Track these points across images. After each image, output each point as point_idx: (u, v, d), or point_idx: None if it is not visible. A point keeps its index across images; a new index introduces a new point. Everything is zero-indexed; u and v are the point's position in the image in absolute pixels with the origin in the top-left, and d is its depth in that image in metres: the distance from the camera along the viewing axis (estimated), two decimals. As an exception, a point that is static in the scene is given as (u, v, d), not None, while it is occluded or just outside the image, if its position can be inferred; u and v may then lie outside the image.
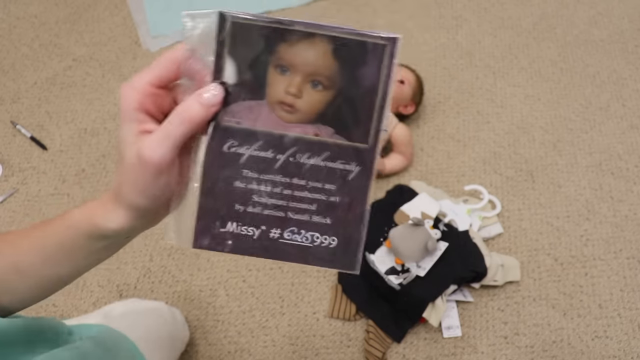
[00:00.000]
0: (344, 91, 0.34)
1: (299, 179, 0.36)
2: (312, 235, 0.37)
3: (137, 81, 0.34)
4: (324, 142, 0.35)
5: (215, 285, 1.12)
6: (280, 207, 0.36)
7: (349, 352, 1.05)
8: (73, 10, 1.60)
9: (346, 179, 0.36)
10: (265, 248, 0.37)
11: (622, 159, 1.25)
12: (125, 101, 0.34)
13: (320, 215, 0.36)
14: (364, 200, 0.36)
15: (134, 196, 0.34)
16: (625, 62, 1.41)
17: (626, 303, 1.08)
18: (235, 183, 0.36)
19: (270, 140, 0.35)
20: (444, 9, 1.55)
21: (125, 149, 0.34)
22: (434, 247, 1.01)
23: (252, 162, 0.35)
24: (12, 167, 1.31)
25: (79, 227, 0.38)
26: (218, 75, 0.34)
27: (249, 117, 0.35)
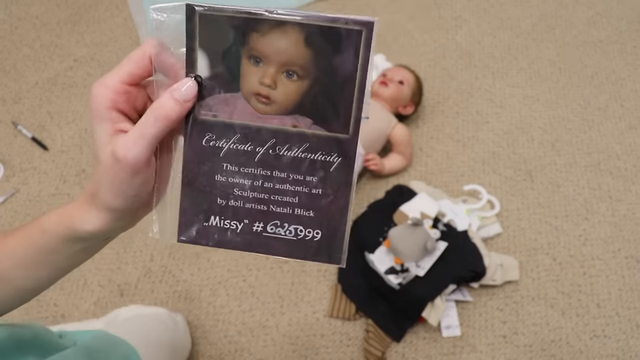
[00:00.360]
0: (320, 80, 0.33)
1: (279, 171, 0.35)
2: (295, 229, 0.36)
3: (109, 79, 0.33)
4: (303, 134, 0.34)
5: (216, 285, 1.13)
6: (262, 200, 0.35)
7: (348, 351, 1.05)
8: (74, 11, 1.61)
9: (328, 171, 0.35)
10: (248, 242, 0.36)
11: (621, 159, 1.26)
12: (97, 100, 0.33)
13: (303, 207, 0.36)
14: (347, 192, 0.35)
15: (110, 197, 0.34)
16: (624, 63, 1.42)
17: (624, 302, 1.08)
18: (216, 177, 0.35)
19: (248, 133, 0.34)
20: (444, 9, 1.56)
21: (100, 150, 0.33)
22: (433, 246, 1.01)
23: (231, 156, 0.35)
24: (14, 167, 1.31)
25: (54, 231, 0.37)
26: (190, 69, 0.34)
27: (225, 110, 0.34)
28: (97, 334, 0.62)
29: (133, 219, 0.38)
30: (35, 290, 0.42)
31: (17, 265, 0.39)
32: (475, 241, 1.09)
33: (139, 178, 0.33)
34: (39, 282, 0.41)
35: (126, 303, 1.11)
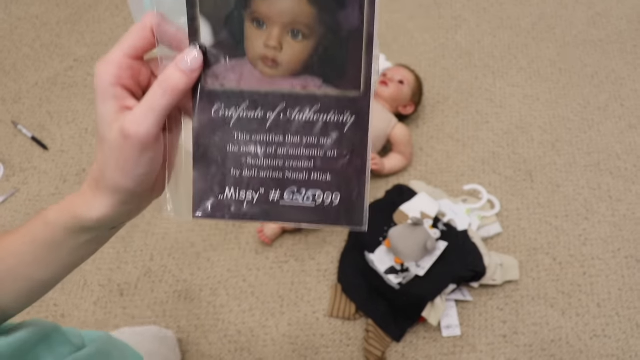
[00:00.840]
0: (327, 38, 0.32)
1: (292, 136, 0.34)
2: (313, 194, 0.34)
3: (112, 55, 0.32)
4: (313, 95, 0.33)
5: (216, 285, 1.13)
6: (276, 167, 0.34)
7: (348, 351, 1.05)
8: (74, 11, 1.61)
9: (342, 131, 0.33)
10: (266, 212, 0.35)
11: (621, 159, 1.26)
12: (101, 77, 0.32)
13: (319, 172, 0.34)
14: (363, 152, 0.34)
15: (118, 177, 0.32)
16: (624, 62, 1.42)
17: (624, 302, 1.08)
18: (228, 147, 0.34)
19: (257, 99, 0.33)
20: (444, 9, 1.56)
21: (106, 129, 0.31)
22: (433, 246, 1.01)
23: (242, 124, 0.34)
24: (14, 167, 1.31)
25: (58, 223, 0.36)
26: (194, 38, 0.33)
27: (232, 77, 0.33)
28: (102, 335, 0.61)
29: (139, 204, 0.36)
30: (42, 288, 0.40)
31: (21, 262, 0.38)
32: (476, 241, 1.09)
33: (148, 155, 0.32)
34: (45, 279, 0.39)
35: (126, 303, 1.11)
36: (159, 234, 1.19)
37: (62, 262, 0.38)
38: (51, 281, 0.40)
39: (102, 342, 0.57)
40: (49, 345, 0.46)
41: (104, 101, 0.32)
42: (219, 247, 1.17)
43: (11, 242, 0.38)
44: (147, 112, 0.31)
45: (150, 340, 0.94)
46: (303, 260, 1.15)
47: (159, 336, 0.98)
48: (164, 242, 1.18)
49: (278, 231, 1.15)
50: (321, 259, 1.15)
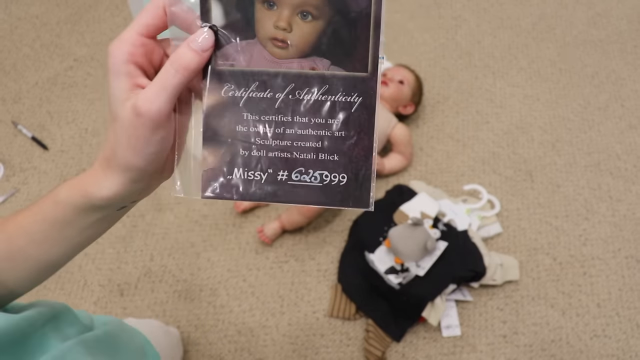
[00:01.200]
0: (335, 19, 0.33)
1: (300, 116, 0.34)
2: (320, 174, 0.35)
3: (126, 33, 0.33)
4: (322, 76, 0.34)
5: (216, 285, 1.13)
6: (285, 147, 0.35)
7: (348, 351, 1.05)
8: (74, 11, 1.61)
9: (349, 112, 0.34)
10: (274, 192, 0.35)
11: (621, 159, 1.26)
12: (114, 55, 0.32)
13: (326, 152, 0.35)
14: (370, 132, 0.34)
15: (129, 155, 0.32)
16: (624, 63, 1.42)
17: (624, 302, 1.08)
18: (237, 127, 0.35)
19: (266, 80, 0.34)
20: (444, 9, 1.56)
21: (118, 106, 0.32)
22: (433, 246, 1.01)
23: (251, 104, 0.34)
24: (14, 167, 1.31)
25: (68, 202, 0.36)
26: (205, 17, 0.33)
27: (242, 58, 0.34)
28: (112, 319, 0.61)
29: (149, 183, 0.36)
30: (51, 267, 0.41)
31: (32, 242, 0.38)
32: (476, 241, 1.09)
33: (160, 133, 0.32)
34: (54, 259, 0.40)
35: (126, 303, 1.11)
36: (159, 234, 1.19)
37: (72, 241, 0.38)
38: (60, 260, 0.40)
39: (112, 326, 0.57)
40: (58, 325, 0.46)
41: (116, 78, 0.32)
42: (219, 247, 1.17)
43: (22, 221, 0.38)
44: (159, 90, 0.31)
45: (155, 330, 0.94)
46: (303, 260, 1.15)
47: (163, 328, 0.98)
48: (164, 242, 1.18)
49: (278, 231, 1.15)
50: (321, 259, 1.15)
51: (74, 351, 0.43)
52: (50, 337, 0.43)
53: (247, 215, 1.21)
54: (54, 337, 0.43)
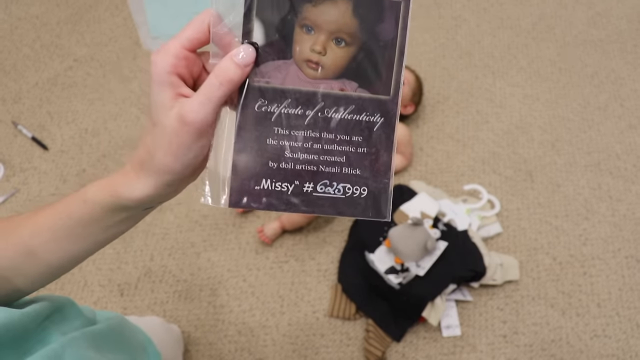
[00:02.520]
0: (365, 47, 0.36)
1: (327, 133, 0.37)
2: (344, 187, 0.38)
3: (170, 45, 0.35)
4: (349, 96, 0.37)
5: (216, 285, 1.13)
6: (311, 161, 0.37)
7: (348, 351, 1.05)
8: (74, 11, 1.61)
9: (372, 130, 0.37)
10: (299, 203, 0.38)
11: (621, 159, 1.26)
12: (158, 66, 0.34)
13: (350, 166, 0.38)
14: (389, 149, 0.37)
15: (169, 160, 0.34)
16: (624, 62, 1.42)
17: (625, 302, 1.08)
18: (268, 141, 0.37)
19: (298, 98, 0.37)
20: (444, 9, 1.56)
21: (161, 114, 0.34)
22: (433, 246, 1.01)
23: (282, 120, 0.37)
24: (14, 167, 1.31)
25: (97, 201, 0.38)
26: (247, 36, 0.36)
27: (278, 76, 0.36)
28: (115, 315, 0.62)
29: (179, 186, 0.38)
30: (65, 266, 0.42)
31: (50, 239, 0.39)
32: (476, 241, 1.09)
33: (202, 141, 0.35)
34: (71, 257, 0.41)
35: (126, 303, 1.11)
36: (159, 234, 1.19)
37: (95, 238, 0.40)
38: (81, 255, 0.42)
39: (115, 321, 0.58)
40: (60, 318, 0.47)
41: (160, 87, 0.34)
42: (219, 247, 1.17)
43: (46, 217, 0.40)
44: (204, 101, 0.33)
45: (156, 327, 0.94)
46: (303, 260, 1.15)
47: (165, 325, 0.99)
48: (164, 242, 1.18)
49: (278, 231, 1.15)
50: (321, 258, 1.15)
51: (75, 344, 0.43)
52: (52, 330, 0.43)
53: (247, 215, 1.21)
54: (56, 330, 0.44)
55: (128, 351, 0.57)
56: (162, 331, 0.96)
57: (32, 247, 0.40)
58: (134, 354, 0.58)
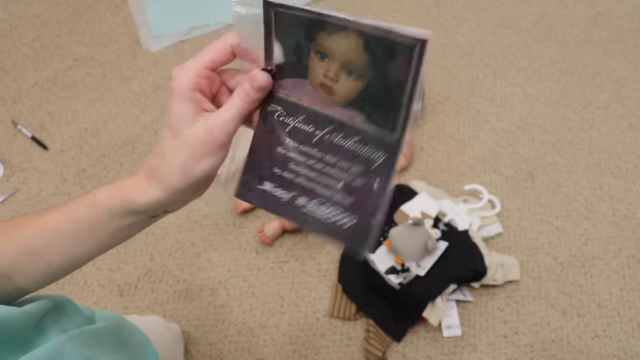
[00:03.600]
0: (375, 83, 0.36)
1: (331, 156, 0.38)
2: (331, 212, 0.39)
3: (192, 64, 0.37)
4: (356, 127, 0.37)
5: (216, 285, 1.13)
6: (310, 178, 0.39)
7: (349, 351, 1.05)
8: (74, 11, 1.61)
9: (371, 165, 0.37)
10: (290, 212, 0.39)
11: (622, 159, 1.26)
12: (180, 82, 0.36)
13: (343, 194, 0.38)
14: (385, 188, 0.37)
15: (190, 168, 0.36)
16: (625, 62, 1.41)
17: (625, 302, 1.08)
18: (278, 149, 0.39)
19: (311, 116, 0.38)
20: (444, 8, 1.55)
21: (184, 126, 0.36)
22: (433, 246, 1.01)
23: (294, 133, 0.39)
24: (13, 167, 1.31)
25: (105, 205, 0.39)
26: (268, 55, 0.38)
27: (296, 92, 0.38)
28: (114, 314, 0.62)
29: (190, 196, 0.39)
30: (67, 268, 0.43)
31: (54, 241, 0.40)
32: (476, 241, 1.09)
33: (225, 150, 0.37)
34: (73, 260, 0.42)
35: (126, 303, 1.11)
36: (159, 234, 1.18)
37: (100, 242, 0.41)
38: (84, 258, 0.42)
39: (113, 321, 0.58)
40: (60, 316, 0.48)
41: (182, 103, 0.37)
42: (219, 247, 1.17)
43: (52, 218, 0.41)
44: (232, 116, 0.36)
45: (157, 326, 0.94)
46: (303, 260, 1.15)
47: (165, 324, 0.99)
48: (164, 242, 1.18)
49: (278, 231, 1.15)
50: (321, 259, 1.15)
51: (74, 342, 0.43)
52: (51, 328, 0.44)
53: (247, 215, 1.20)
54: (54, 328, 0.44)
55: (126, 351, 0.57)
56: (163, 330, 0.97)
57: (34, 247, 0.40)
58: (133, 353, 0.58)
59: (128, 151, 1.32)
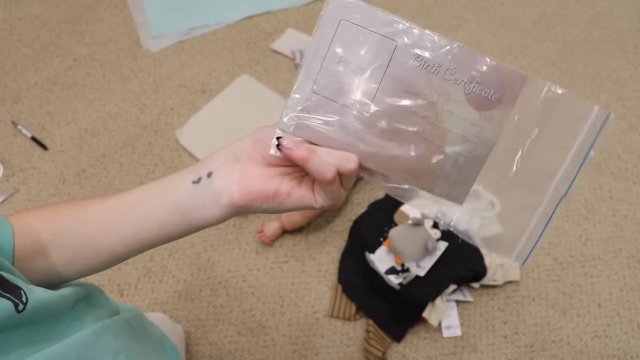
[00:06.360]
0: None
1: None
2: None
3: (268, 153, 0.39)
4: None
5: (216, 285, 1.13)
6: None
7: (349, 351, 1.05)
8: (74, 11, 1.61)
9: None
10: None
11: (622, 159, 1.26)
12: (259, 148, 0.39)
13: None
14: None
15: (252, 204, 0.39)
16: (625, 62, 1.41)
17: (625, 302, 1.08)
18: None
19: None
20: (444, 9, 1.55)
21: (252, 163, 0.39)
22: (433, 246, 1.01)
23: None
24: (13, 167, 1.31)
25: (182, 218, 0.40)
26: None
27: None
28: (134, 308, 0.63)
29: (250, 212, 0.42)
30: (120, 261, 0.45)
31: (120, 244, 0.43)
32: (476, 241, 1.09)
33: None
34: (129, 254, 0.45)
35: (126, 303, 1.11)
36: (158, 234, 1.18)
37: (157, 241, 0.44)
38: (129, 257, 0.46)
39: (137, 312, 0.59)
40: (92, 304, 0.49)
41: (255, 159, 0.40)
42: (219, 247, 1.17)
43: (125, 224, 0.43)
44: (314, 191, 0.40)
45: (164, 324, 0.95)
46: (303, 260, 1.15)
47: (170, 323, 1.00)
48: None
49: (278, 231, 1.15)
50: (321, 259, 1.15)
51: (106, 331, 0.44)
52: (83, 314, 0.45)
53: (248, 215, 1.20)
54: (86, 316, 0.45)
55: (151, 342, 0.58)
56: (169, 328, 0.97)
57: (104, 243, 0.43)
58: (155, 345, 0.60)
59: (128, 151, 1.32)
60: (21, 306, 0.35)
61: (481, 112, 0.36)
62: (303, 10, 1.56)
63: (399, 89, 0.36)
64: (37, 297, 0.37)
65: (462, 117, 0.36)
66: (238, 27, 1.54)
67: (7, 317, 0.34)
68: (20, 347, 0.35)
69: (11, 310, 0.34)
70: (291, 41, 1.49)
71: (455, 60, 0.35)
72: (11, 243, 0.40)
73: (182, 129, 1.33)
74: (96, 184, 1.27)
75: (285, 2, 1.58)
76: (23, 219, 0.42)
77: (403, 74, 0.36)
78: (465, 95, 0.36)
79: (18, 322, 0.35)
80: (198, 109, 1.37)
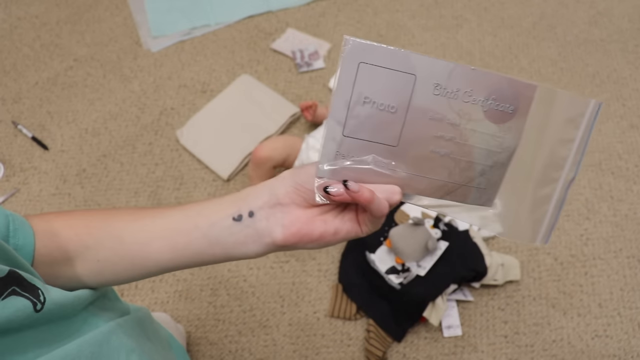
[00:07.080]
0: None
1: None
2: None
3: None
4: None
5: (216, 285, 1.13)
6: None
7: (349, 351, 1.05)
8: (74, 11, 1.61)
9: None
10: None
11: (622, 159, 1.25)
12: (302, 186, 0.40)
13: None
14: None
15: (295, 245, 0.41)
16: (625, 62, 1.41)
17: (626, 302, 1.08)
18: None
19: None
20: (445, 8, 1.55)
21: (294, 205, 0.40)
22: (434, 246, 1.01)
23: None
24: (14, 167, 1.31)
25: (222, 251, 0.42)
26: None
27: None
28: (142, 307, 0.63)
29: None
30: (157, 274, 0.45)
31: (159, 261, 0.43)
32: (477, 241, 1.09)
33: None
34: (158, 272, 0.44)
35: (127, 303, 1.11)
36: (159, 234, 1.18)
37: (188, 265, 0.44)
38: (156, 274, 0.45)
39: (145, 312, 0.60)
40: (104, 304, 0.49)
41: (295, 195, 0.41)
42: (219, 247, 1.17)
43: (161, 249, 0.43)
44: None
45: (166, 324, 0.96)
46: (304, 260, 1.15)
47: (173, 323, 1.00)
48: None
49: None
50: (322, 259, 1.15)
51: (119, 331, 0.45)
52: (97, 314, 0.45)
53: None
54: (100, 315, 0.45)
55: (160, 341, 0.59)
56: (172, 328, 0.98)
57: (144, 261, 0.43)
58: (164, 344, 0.60)
59: (128, 151, 1.32)
60: (39, 306, 0.35)
61: (500, 125, 0.39)
62: (303, 10, 1.56)
63: (424, 118, 0.39)
64: (53, 297, 0.37)
65: (484, 132, 0.39)
66: (238, 27, 1.54)
67: (26, 316, 0.34)
68: (35, 346, 0.35)
69: (30, 309, 0.34)
70: (291, 41, 1.49)
71: (471, 82, 0.38)
72: (32, 245, 0.41)
73: (182, 129, 1.33)
74: (97, 183, 1.28)
75: (286, 2, 1.58)
76: (50, 224, 0.43)
77: (426, 104, 0.38)
78: (484, 112, 0.39)
79: (35, 322, 0.35)
80: (198, 109, 1.37)
